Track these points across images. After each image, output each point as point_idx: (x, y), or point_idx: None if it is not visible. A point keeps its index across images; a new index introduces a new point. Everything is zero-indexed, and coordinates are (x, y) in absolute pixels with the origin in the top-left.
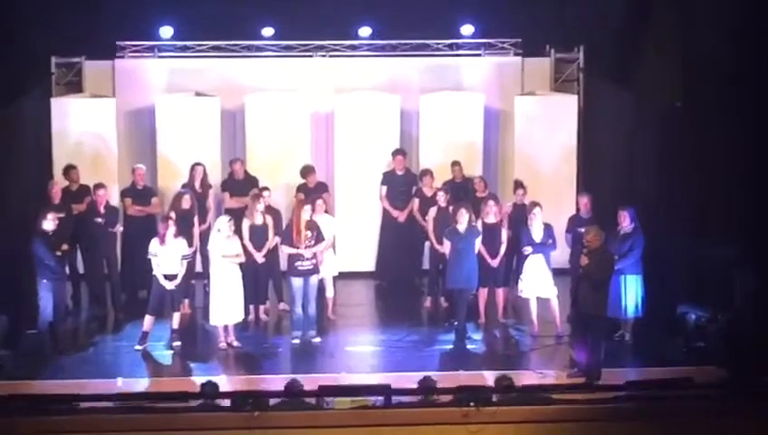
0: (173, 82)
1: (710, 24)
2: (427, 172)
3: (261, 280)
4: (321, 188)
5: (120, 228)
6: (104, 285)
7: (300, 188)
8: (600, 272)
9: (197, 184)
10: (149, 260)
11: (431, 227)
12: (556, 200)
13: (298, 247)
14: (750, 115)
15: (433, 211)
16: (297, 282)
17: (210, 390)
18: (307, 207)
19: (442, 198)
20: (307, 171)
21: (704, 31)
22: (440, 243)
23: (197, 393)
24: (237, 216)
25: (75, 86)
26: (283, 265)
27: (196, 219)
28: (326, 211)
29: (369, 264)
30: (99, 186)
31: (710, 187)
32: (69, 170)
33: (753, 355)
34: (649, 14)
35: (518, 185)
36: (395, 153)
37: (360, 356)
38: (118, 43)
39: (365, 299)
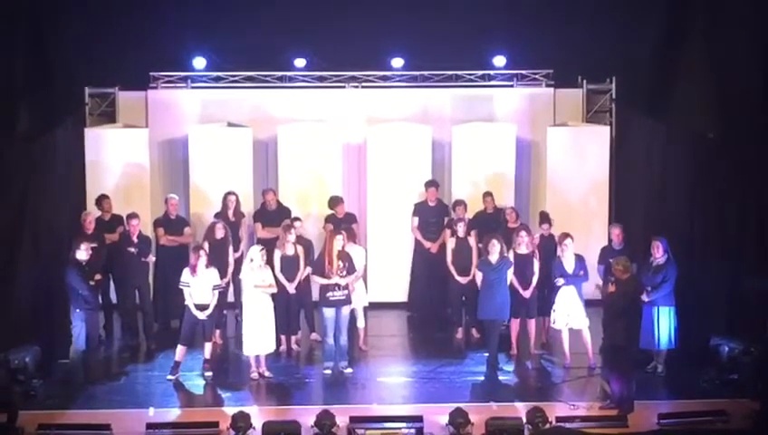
0: (206, 112)
1: (743, 54)
2: (459, 203)
3: (292, 310)
4: (350, 219)
5: (152, 258)
6: (136, 315)
7: (328, 219)
8: (623, 299)
9: (230, 213)
10: (182, 290)
11: (450, 259)
12: (588, 231)
13: (330, 278)
14: None
15: (452, 242)
16: (329, 312)
17: (241, 420)
18: (339, 238)
19: (461, 229)
20: (335, 202)
21: (736, 61)
22: (460, 274)
23: (229, 424)
24: (269, 246)
25: (109, 116)
26: (315, 295)
27: (230, 249)
28: (356, 242)
29: (400, 295)
30: (131, 216)
31: (743, 218)
32: (102, 200)
33: None
34: (681, 45)
35: (544, 218)
36: (428, 185)
37: (392, 387)
38: (151, 73)
39: (397, 330)
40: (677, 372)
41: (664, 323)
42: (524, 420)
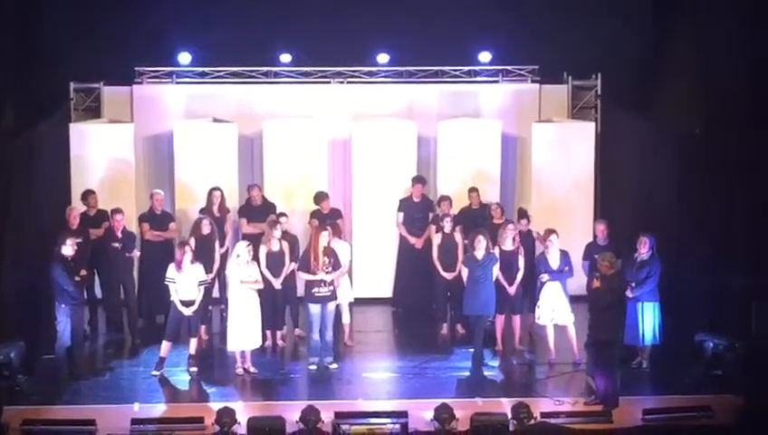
0: (191, 107)
1: (728, 50)
2: (445, 199)
3: (278, 306)
4: (335, 215)
5: (136, 253)
6: (121, 311)
7: (314, 215)
8: (609, 294)
9: (215, 209)
10: (167, 286)
11: (436, 255)
12: (573, 227)
13: (316, 274)
14: None
15: (438, 238)
16: (315, 308)
17: (227, 416)
18: (325, 234)
19: (447, 225)
20: (321, 198)
21: (722, 57)
22: (445, 269)
23: (214, 419)
24: (254, 242)
25: (94, 112)
26: (301, 291)
27: (216, 244)
28: (341, 237)
29: (385, 290)
30: (116, 211)
31: (728, 214)
32: (87, 195)
33: None
34: (667, 41)
35: (522, 214)
36: (415, 181)
37: (377, 383)
38: (136, 68)
39: (382, 326)
40: (662, 367)
41: (648, 319)
42: (509, 415)
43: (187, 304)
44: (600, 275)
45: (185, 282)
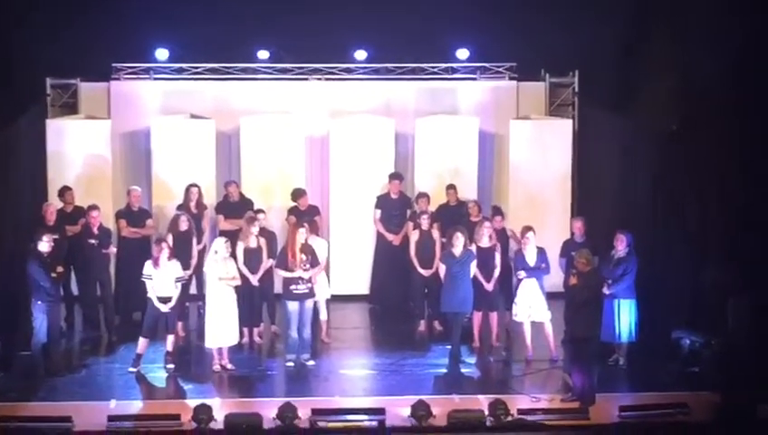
0: (168, 104)
1: (705, 47)
2: (422, 196)
3: (255, 302)
4: (313, 211)
5: (113, 250)
6: (98, 307)
7: (291, 211)
8: (586, 291)
9: (193, 205)
10: (144, 282)
11: (413, 252)
12: (550, 224)
13: (293, 271)
14: (746, 141)
15: (415, 235)
16: (292, 305)
17: (203, 413)
18: (302, 231)
19: (425, 222)
20: (298, 194)
21: (699, 55)
22: (423, 266)
23: (191, 416)
24: (232, 238)
25: (70, 108)
26: (278, 288)
27: (194, 241)
28: (318, 234)
29: (363, 287)
30: (92, 207)
31: (704, 212)
32: (64, 192)
33: (748, 381)
34: (644, 39)
35: (496, 211)
36: (392, 177)
37: (354, 380)
38: (113, 64)
39: (359, 322)
40: (639, 364)
41: (625, 316)
42: (486, 412)
43: (164, 300)
44: (576, 272)
45: (162, 278)
